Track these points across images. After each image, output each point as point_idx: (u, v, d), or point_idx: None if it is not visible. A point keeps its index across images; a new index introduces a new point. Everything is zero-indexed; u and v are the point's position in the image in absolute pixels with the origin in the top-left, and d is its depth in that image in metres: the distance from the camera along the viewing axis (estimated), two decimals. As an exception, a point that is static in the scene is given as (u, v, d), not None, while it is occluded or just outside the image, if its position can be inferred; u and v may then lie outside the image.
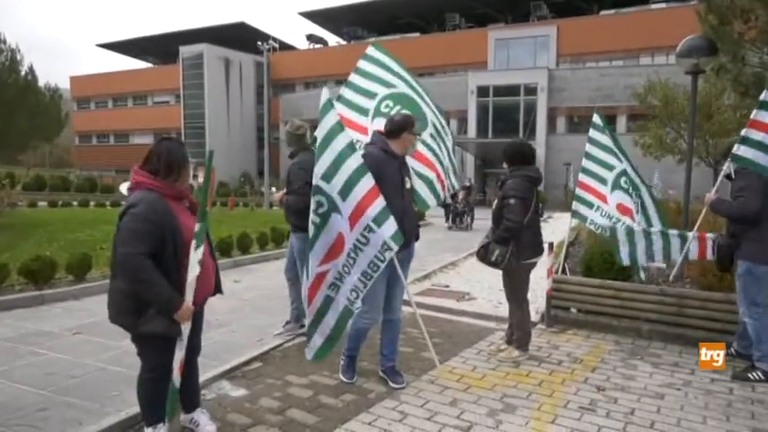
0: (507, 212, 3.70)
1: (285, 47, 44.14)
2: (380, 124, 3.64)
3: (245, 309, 5.35)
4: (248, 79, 42.31)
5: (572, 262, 6.23)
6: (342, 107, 3.89)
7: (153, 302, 2.32)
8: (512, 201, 3.70)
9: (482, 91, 30.86)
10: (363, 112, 3.93)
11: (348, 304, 3.06)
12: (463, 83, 31.32)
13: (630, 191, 4.77)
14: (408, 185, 3.35)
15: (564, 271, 5.61)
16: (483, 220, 9.32)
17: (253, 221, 12.38)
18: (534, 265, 3.94)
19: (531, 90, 30.05)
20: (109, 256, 6.89)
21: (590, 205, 4.65)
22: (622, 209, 4.77)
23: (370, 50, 4.04)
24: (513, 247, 3.75)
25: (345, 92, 3.99)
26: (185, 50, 41.34)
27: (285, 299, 4.53)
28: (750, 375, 3.53)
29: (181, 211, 2.48)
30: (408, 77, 4.03)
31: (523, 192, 3.74)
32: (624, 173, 4.73)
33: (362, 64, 4.00)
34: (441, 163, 4.06)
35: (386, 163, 3.29)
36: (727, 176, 3.81)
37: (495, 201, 3.89)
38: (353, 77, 3.99)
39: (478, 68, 32.98)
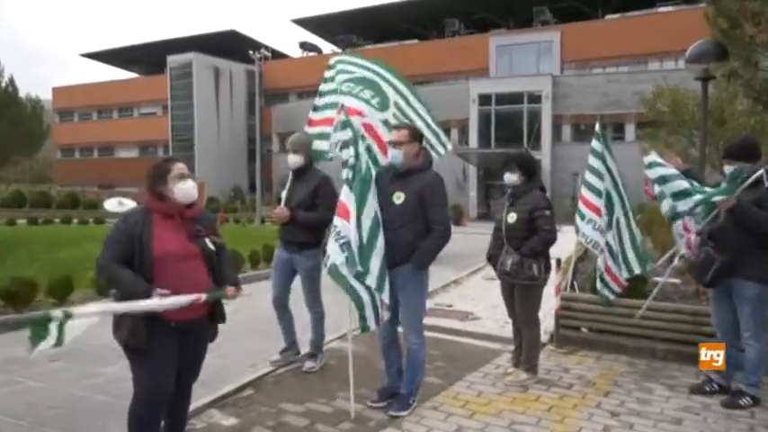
0: (545, 224, 3.81)
1: (277, 55, 44.34)
2: (349, 102, 3.82)
3: (237, 332, 5.30)
4: (239, 89, 42.57)
5: (581, 278, 6.18)
6: (316, 113, 4.23)
7: (130, 296, 2.43)
8: (547, 212, 3.83)
9: (484, 99, 31.04)
10: (333, 106, 4.10)
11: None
12: (464, 91, 31.49)
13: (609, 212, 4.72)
14: (400, 200, 3.37)
15: (573, 288, 5.62)
16: (480, 233, 9.29)
17: (244, 238, 12.34)
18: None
19: (535, 98, 30.14)
20: (92, 276, 6.92)
21: (582, 217, 4.63)
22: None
23: (332, 61, 4.28)
24: (543, 262, 3.89)
25: (317, 100, 4.27)
26: (173, 60, 41.57)
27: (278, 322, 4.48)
28: (741, 402, 3.50)
29: (166, 228, 2.52)
30: (370, 64, 4.16)
31: (550, 203, 3.94)
32: (608, 195, 4.67)
33: (327, 73, 4.27)
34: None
35: (381, 174, 3.52)
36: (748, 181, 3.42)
37: (513, 214, 3.93)
38: (322, 86, 4.27)
39: (480, 76, 33.11)
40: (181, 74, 40.94)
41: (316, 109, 4.27)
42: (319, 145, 4.17)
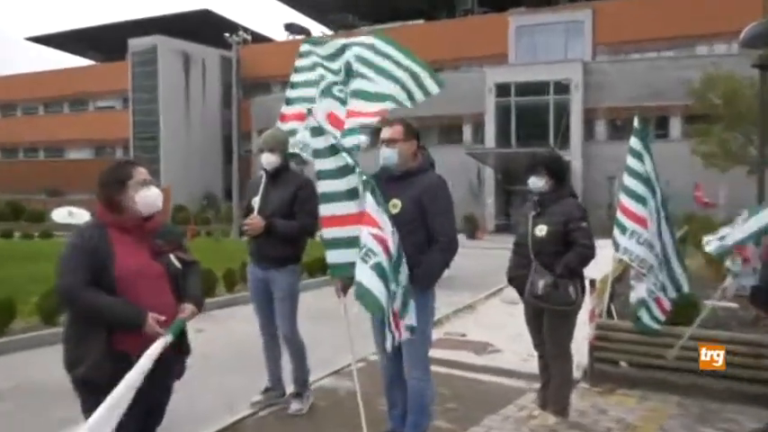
0: (582, 237, 3.84)
1: (259, 38, 44.57)
2: (332, 107, 3.96)
3: (211, 366, 5.26)
4: (213, 78, 42.95)
5: (619, 303, 6.14)
6: (289, 108, 4.39)
7: (119, 325, 2.46)
8: (584, 224, 3.87)
9: (502, 90, 31.39)
10: (308, 100, 4.23)
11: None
12: (479, 80, 31.85)
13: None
14: (397, 209, 3.37)
15: (609, 314, 5.57)
16: (499, 248, 9.28)
17: (218, 255, 12.31)
18: None
19: (563, 88, 30.60)
20: (36, 300, 6.89)
21: (623, 230, 4.56)
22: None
23: (303, 47, 4.41)
24: (579, 283, 3.91)
25: (290, 92, 4.43)
26: (135, 44, 41.80)
27: (261, 353, 4.43)
28: None
29: (126, 244, 2.52)
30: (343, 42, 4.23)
31: (586, 213, 3.99)
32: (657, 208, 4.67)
33: (298, 62, 4.39)
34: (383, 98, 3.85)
35: (377, 182, 3.63)
36: None
37: (542, 226, 3.93)
38: (293, 77, 4.41)
39: (497, 62, 33.50)
40: (144, 60, 41.12)
41: (288, 102, 4.40)
42: (295, 142, 4.28)
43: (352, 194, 3.37)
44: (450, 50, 35.87)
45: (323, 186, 3.39)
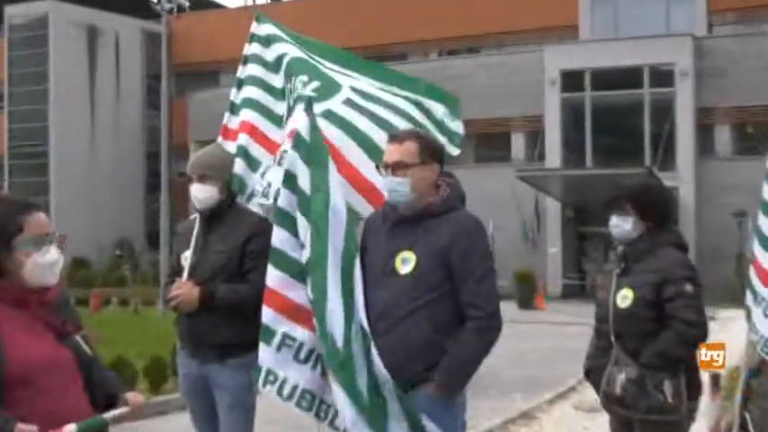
0: (684, 309, 3.84)
1: (201, 4, 45.27)
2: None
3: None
4: (132, 64, 43.64)
5: (759, 411, 6.08)
6: (247, 112, 4.60)
7: None
8: (688, 287, 3.87)
9: (571, 80, 31.50)
10: (275, 119, 4.52)
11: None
12: (535, 66, 31.99)
13: None
14: (409, 266, 3.45)
15: (744, 428, 5.49)
16: (570, 324, 9.22)
17: (138, 336, 12.21)
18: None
19: (664, 76, 30.77)
20: None
21: (758, 298, 4.49)
22: None
23: (260, 26, 4.76)
24: (684, 378, 3.89)
25: (236, 94, 4.70)
26: (15, 13, 42.56)
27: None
28: None
29: (18, 325, 2.52)
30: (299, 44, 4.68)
31: (696, 272, 4.01)
32: None
33: (253, 49, 4.72)
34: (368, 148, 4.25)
35: (372, 225, 3.76)
36: None
37: (626, 292, 3.97)
38: (252, 70, 4.69)
39: (563, 39, 34.00)
40: (28, 37, 42.30)
41: (234, 109, 4.62)
42: (243, 166, 4.43)
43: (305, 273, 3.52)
44: (490, 22, 36.31)
45: (275, 236, 3.56)
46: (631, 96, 31.30)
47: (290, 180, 3.61)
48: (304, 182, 3.55)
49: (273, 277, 3.55)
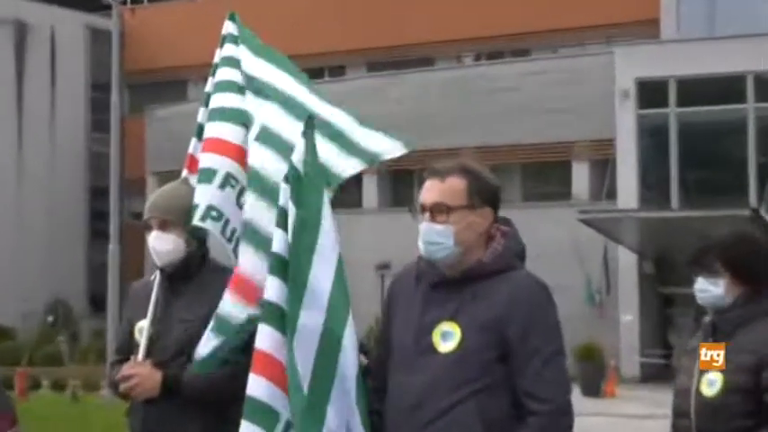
0: None
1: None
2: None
3: None
4: (71, 69, 44.59)
5: None
6: (215, 126, 4.82)
7: None
8: None
9: (650, 92, 32.05)
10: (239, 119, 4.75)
11: None
12: (601, 73, 32.66)
13: None
14: (452, 343, 3.41)
15: None
16: (659, 417, 9.27)
17: (75, 430, 12.23)
18: None
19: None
20: None
21: None
22: None
23: (228, 27, 5.13)
24: None
25: (204, 116, 4.94)
26: None
27: None
28: None
29: None
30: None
31: None
32: None
33: (226, 52, 5.02)
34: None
35: (401, 288, 3.79)
36: None
37: (714, 376, 4.02)
38: (209, 85, 5.03)
39: (638, 38, 34.54)
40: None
41: (200, 132, 4.79)
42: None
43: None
44: (542, 15, 37.84)
45: (268, 288, 3.62)
46: (731, 113, 31.73)
47: (282, 219, 3.66)
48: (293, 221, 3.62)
49: (265, 337, 3.55)
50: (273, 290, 3.58)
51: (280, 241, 3.64)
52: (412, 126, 35.76)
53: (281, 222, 3.66)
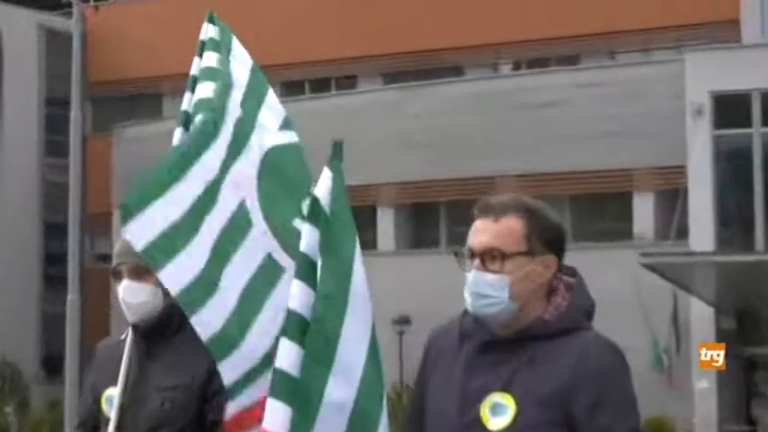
0: None
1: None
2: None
3: None
4: (22, 80, 45.47)
5: None
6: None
7: None
8: None
9: (729, 109, 32.45)
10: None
11: None
12: (668, 85, 33.38)
13: None
14: (506, 418, 3.41)
15: None
16: None
17: None
18: None
19: None
20: None
21: None
22: None
23: (207, 31, 5.48)
24: None
25: (172, 154, 5.00)
26: None
27: None
28: None
29: None
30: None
31: None
32: None
33: (206, 62, 5.29)
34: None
35: (442, 346, 3.79)
36: None
37: None
38: (203, 92, 5.17)
39: (713, 43, 34.82)
40: None
41: (170, 173, 4.67)
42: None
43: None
44: (595, 17, 38.19)
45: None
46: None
47: (305, 269, 3.71)
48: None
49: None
50: (286, 356, 3.65)
51: (300, 297, 3.64)
52: (435, 148, 35.96)
53: (304, 273, 3.68)
